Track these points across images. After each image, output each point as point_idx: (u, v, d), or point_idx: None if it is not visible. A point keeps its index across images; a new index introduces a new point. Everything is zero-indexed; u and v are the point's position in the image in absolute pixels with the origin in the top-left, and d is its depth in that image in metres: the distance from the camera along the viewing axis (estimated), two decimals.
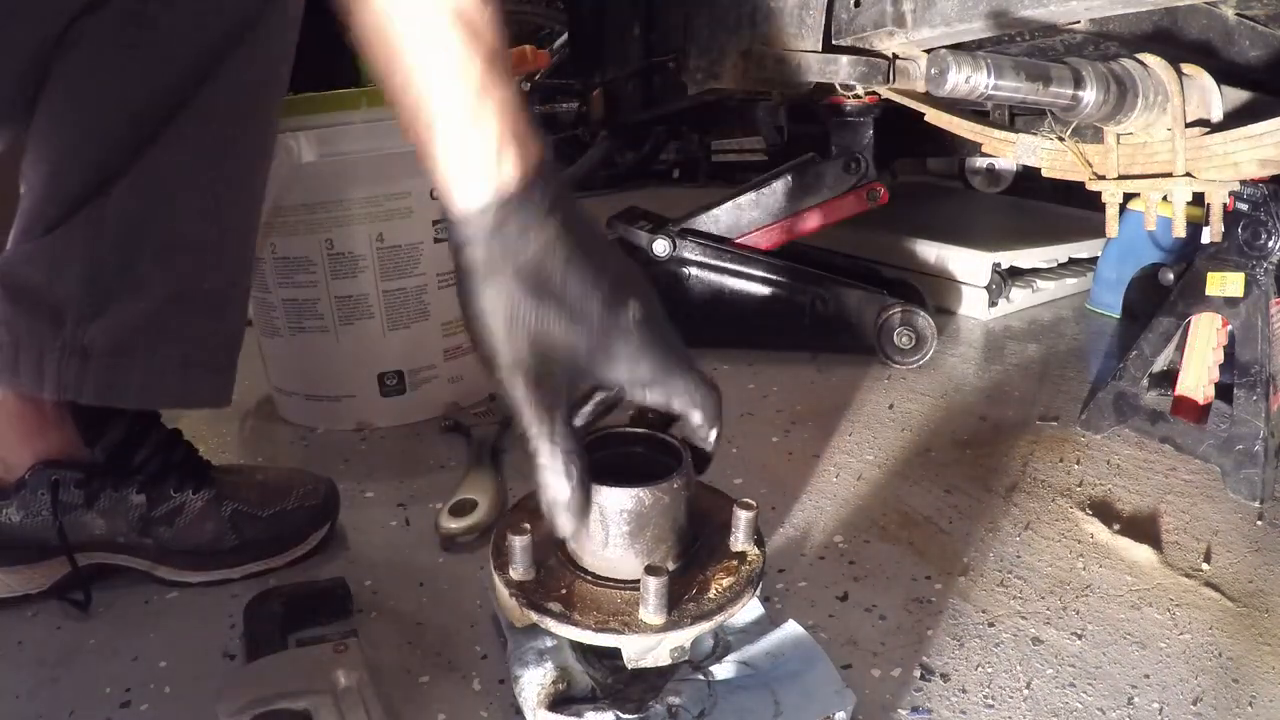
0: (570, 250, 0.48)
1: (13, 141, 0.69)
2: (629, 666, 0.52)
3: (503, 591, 0.54)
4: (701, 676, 0.58)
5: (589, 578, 0.54)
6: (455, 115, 0.46)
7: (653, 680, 0.56)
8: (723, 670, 0.58)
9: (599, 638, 0.51)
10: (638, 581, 0.51)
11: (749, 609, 0.62)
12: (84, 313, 0.65)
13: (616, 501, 0.52)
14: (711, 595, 0.53)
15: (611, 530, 0.53)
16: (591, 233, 0.50)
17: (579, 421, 0.53)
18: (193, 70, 0.64)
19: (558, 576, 0.55)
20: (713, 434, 0.55)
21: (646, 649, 0.51)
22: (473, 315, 0.48)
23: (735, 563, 0.56)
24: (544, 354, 0.48)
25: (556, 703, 0.54)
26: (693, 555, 0.56)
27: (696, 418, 0.54)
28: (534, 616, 0.52)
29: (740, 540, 0.57)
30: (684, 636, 0.51)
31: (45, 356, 0.65)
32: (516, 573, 0.54)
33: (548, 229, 0.47)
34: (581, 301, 0.48)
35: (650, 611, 0.50)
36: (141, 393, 0.68)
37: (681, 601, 0.52)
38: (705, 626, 0.52)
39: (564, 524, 0.50)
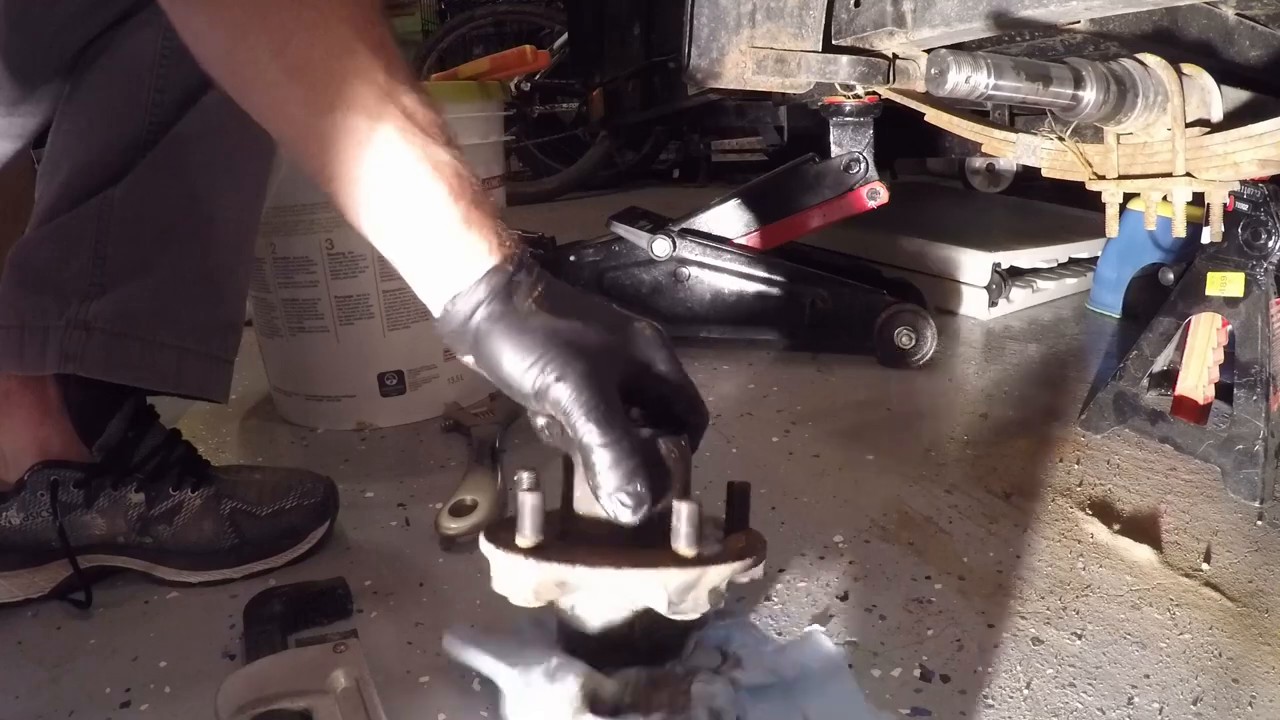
0: (570, 289, 0.49)
1: (25, 143, 0.72)
2: (669, 615, 0.46)
3: (512, 561, 0.47)
4: (728, 682, 0.56)
5: (606, 537, 0.49)
6: (442, 241, 0.48)
7: (676, 684, 0.52)
8: (748, 677, 0.57)
9: (636, 575, 0.45)
10: (654, 537, 0.47)
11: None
12: (89, 292, 0.68)
13: None
14: (732, 550, 0.50)
15: None
16: (579, 289, 0.51)
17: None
18: (203, 73, 0.67)
19: (573, 541, 0.49)
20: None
21: (687, 586, 0.46)
22: (504, 363, 0.46)
23: (742, 536, 0.55)
24: (588, 355, 0.46)
25: None
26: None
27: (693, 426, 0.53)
28: (558, 569, 0.46)
29: (739, 522, 0.56)
30: (722, 574, 0.47)
31: (49, 332, 0.68)
32: (525, 540, 0.47)
33: (541, 283, 0.48)
34: (599, 315, 0.49)
35: (684, 544, 0.46)
36: (139, 371, 0.71)
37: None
38: (739, 566, 0.47)
39: (628, 520, 0.46)
